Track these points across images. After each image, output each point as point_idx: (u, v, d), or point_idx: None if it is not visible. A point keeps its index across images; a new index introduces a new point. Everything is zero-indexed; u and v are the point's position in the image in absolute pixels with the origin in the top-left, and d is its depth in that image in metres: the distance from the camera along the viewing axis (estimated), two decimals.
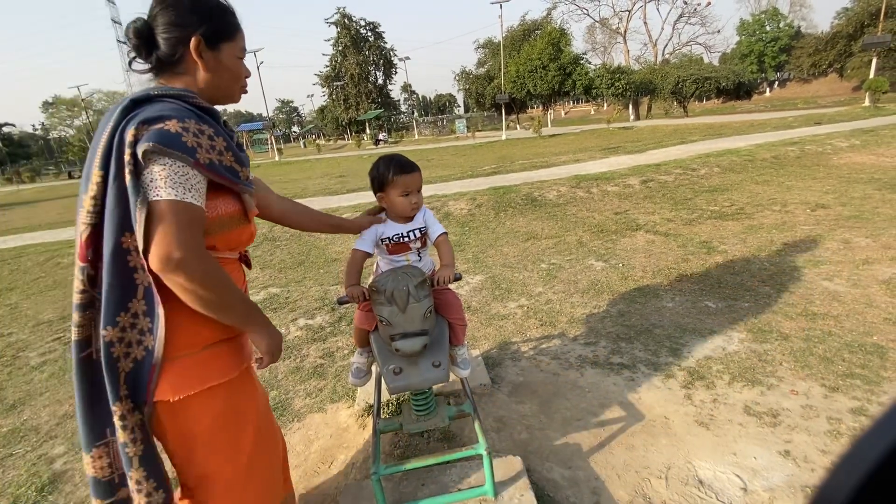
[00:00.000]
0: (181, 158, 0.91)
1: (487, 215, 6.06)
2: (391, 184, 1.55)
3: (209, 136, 0.97)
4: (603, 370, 2.41)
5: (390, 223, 1.63)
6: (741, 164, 7.74)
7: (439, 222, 1.67)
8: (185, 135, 0.92)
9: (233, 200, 1.06)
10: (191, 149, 0.93)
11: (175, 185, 0.91)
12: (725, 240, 4.27)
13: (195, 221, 0.94)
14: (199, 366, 1.05)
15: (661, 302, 3.14)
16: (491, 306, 3.36)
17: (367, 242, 1.61)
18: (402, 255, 1.63)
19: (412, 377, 1.44)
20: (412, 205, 1.57)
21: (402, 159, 1.57)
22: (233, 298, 1.02)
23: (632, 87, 27.67)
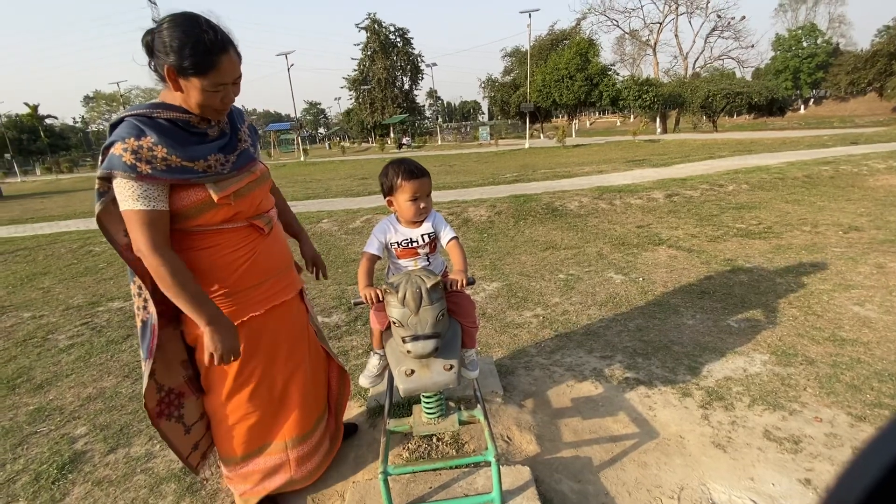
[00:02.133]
0: (125, 176, 1.18)
1: (507, 223, 6.04)
2: (400, 188, 1.56)
3: (148, 149, 1.20)
4: (618, 385, 2.37)
5: (399, 227, 1.64)
6: (771, 182, 7.54)
7: (452, 227, 1.67)
8: (124, 155, 1.18)
9: (199, 190, 1.29)
10: (130, 166, 1.18)
11: (127, 198, 1.20)
12: (751, 258, 4.15)
13: (149, 221, 1.21)
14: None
15: (681, 319, 3.07)
16: (506, 314, 3.35)
17: (374, 246, 1.62)
18: (410, 260, 1.64)
19: (424, 379, 1.44)
20: (420, 210, 1.58)
21: (411, 165, 1.58)
22: (179, 291, 1.24)
23: (660, 100, 27.28)
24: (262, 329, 1.50)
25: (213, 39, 1.17)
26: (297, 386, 1.63)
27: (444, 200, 7.32)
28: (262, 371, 1.53)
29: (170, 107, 1.25)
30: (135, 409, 2.50)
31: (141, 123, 1.22)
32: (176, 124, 1.26)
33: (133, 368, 2.97)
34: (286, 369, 1.59)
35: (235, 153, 1.38)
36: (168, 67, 1.17)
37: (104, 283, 4.96)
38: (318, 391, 1.75)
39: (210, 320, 1.28)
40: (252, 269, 1.43)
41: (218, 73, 1.20)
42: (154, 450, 2.15)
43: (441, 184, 10.09)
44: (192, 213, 1.30)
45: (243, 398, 1.52)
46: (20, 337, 3.64)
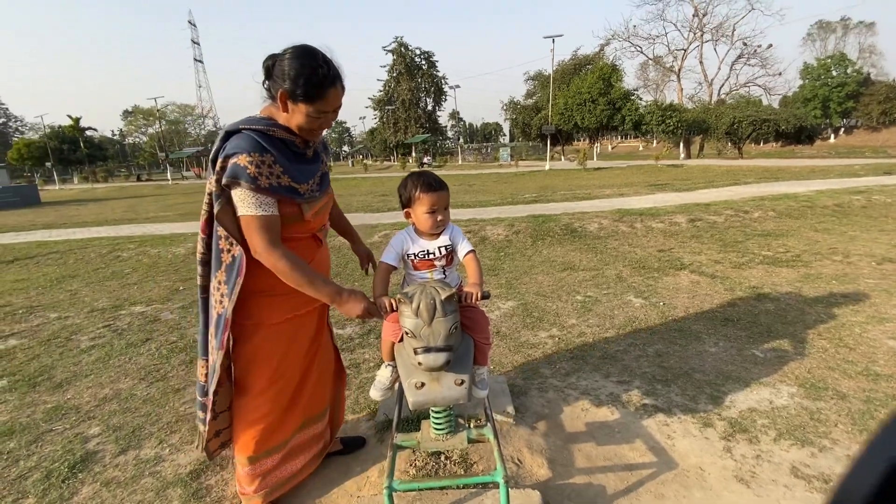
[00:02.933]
0: (247, 186, 1.32)
1: (524, 242, 6.01)
2: (418, 200, 1.57)
3: (269, 165, 1.34)
4: (635, 411, 2.28)
5: (416, 239, 1.64)
6: (799, 210, 7.33)
7: (469, 241, 1.66)
8: (249, 167, 1.31)
9: (292, 205, 1.44)
10: (253, 178, 1.31)
11: (248, 205, 1.34)
12: (778, 287, 4.01)
13: (266, 226, 1.35)
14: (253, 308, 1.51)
15: (703, 346, 2.96)
16: (521, 333, 3.29)
17: (392, 256, 1.62)
18: (427, 272, 1.63)
19: (434, 393, 1.42)
20: (438, 222, 1.58)
21: (430, 177, 1.59)
22: (299, 280, 1.38)
23: (683, 125, 27.08)
24: (300, 328, 1.62)
25: (325, 73, 1.32)
26: (310, 382, 1.71)
27: (462, 219, 7.33)
28: (291, 369, 1.63)
29: (281, 126, 1.39)
30: (147, 412, 2.52)
31: (259, 138, 1.35)
32: (285, 143, 1.41)
33: (150, 371, 3.01)
34: (304, 367, 1.69)
35: (319, 174, 1.53)
36: (282, 91, 1.32)
37: (128, 288, 5.09)
38: (324, 387, 1.82)
39: (335, 297, 1.41)
40: None
41: (323, 103, 1.35)
42: (164, 453, 2.16)
43: (459, 202, 10.14)
44: (284, 220, 1.45)
45: (271, 395, 1.60)
46: (45, 336, 3.74)
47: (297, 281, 1.37)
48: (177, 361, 3.13)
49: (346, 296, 1.42)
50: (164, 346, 3.38)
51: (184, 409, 2.52)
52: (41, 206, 19.00)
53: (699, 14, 34.10)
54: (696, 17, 34.23)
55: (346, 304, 1.41)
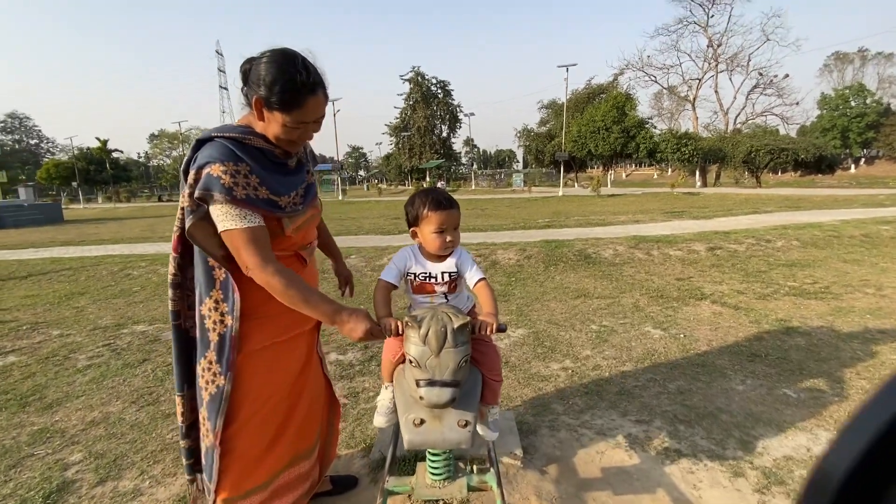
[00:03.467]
0: (222, 199, 1.20)
1: (536, 268, 5.84)
2: (425, 219, 1.46)
3: (244, 175, 1.23)
4: (656, 455, 2.07)
5: (421, 259, 1.51)
6: (825, 240, 7.04)
7: (480, 267, 1.52)
8: (223, 177, 1.19)
9: (272, 219, 1.31)
10: (228, 189, 1.20)
11: (231, 218, 1.22)
12: (808, 320, 3.76)
13: (255, 238, 1.23)
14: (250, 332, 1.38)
15: (728, 383, 2.74)
16: (531, 364, 3.10)
17: (392, 273, 1.50)
18: (427, 296, 1.50)
19: (433, 433, 1.26)
20: (446, 243, 1.46)
21: (439, 194, 1.48)
22: (294, 298, 1.24)
23: (699, 154, 26.89)
24: (283, 355, 1.47)
25: (304, 80, 1.20)
26: (299, 413, 1.55)
27: (473, 242, 7.21)
28: (276, 398, 1.47)
29: (258, 134, 1.29)
30: (133, 439, 2.39)
31: (233, 147, 1.24)
32: (262, 152, 1.30)
33: (142, 394, 2.89)
34: (292, 397, 1.53)
35: (303, 186, 1.41)
36: (257, 98, 1.22)
37: (134, 307, 5.04)
38: (314, 419, 1.65)
39: (334, 316, 1.28)
40: None
41: (302, 112, 1.23)
42: (143, 486, 2.01)
43: (471, 226, 10.04)
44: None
45: (255, 425, 1.44)
46: (44, 354, 3.67)
47: (292, 299, 1.24)
48: (170, 385, 3.00)
49: (347, 315, 1.28)
50: (159, 368, 3.27)
51: (170, 437, 2.38)
52: (64, 223, 19.50)
53: (713, 45, 34.37)
54: (711, 48, 34.51)
55: (347, 324, 1.27)
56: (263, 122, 1.26)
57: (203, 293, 1.34)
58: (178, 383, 1.43)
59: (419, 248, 1.53)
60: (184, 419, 1.46)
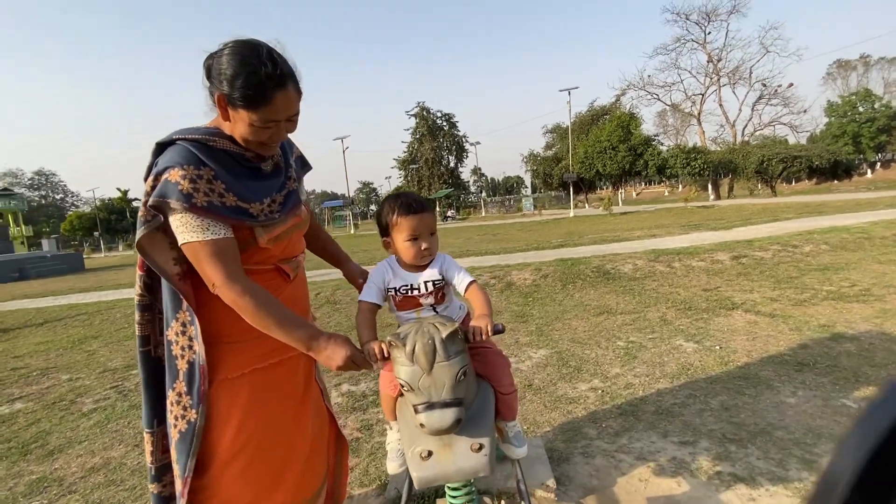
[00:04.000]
0: (180, 208, 1.06)
1: (553, 286, 5.63)
2: (396, 227, 1.32)
3: (207, 181, 1.09)
4: (708, 480, 1.83)
5: (399, 271, 1.36)
6: (855, 242, 6.71)
7: (466, 270, 1.37)
8: (182, 183, 1.06)
9: (243, 228, 1.17)
10: (186, 195, 1.05)
11: (191, 229, 1.08)
12: (854, 325, 3.48)
13: (219, 252, 1.09)
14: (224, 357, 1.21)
15: (778, 396, 2.48)
16: (557, 386, 2.88)
17: (372, 292, 1.35)
18: (413, 311, 1.34)
19: (444, 465, 1.08)
20: (421, 251, 1.31)
21: (409, 198, 1.34)
22: (266, 319, 1.09)
23: (710, 167, 26.63)
24: (264, 385, 1.27)
25: (269, 73, 1.06)
26: (298, 454, 1.33)
27: (486, 265, 7.05)
28: (260, 436, 1.26)
29: (225, 136, 1.15)
30: (133, 485, 2.22)
31: (197, 150, 1.11)
32: (231, 155, 1.16)
33: None
34: (286, 434, 1.32)
35: (283, 193, 1.25)
36: (219, 95, 1.09)
37: None
38: (317, 461, 1.43)
39: (310, 342, 1.12)
40: None
41: (270, 110, 1.09)
42: None
43: (483, 250, 9.90)
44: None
45: (237, 470, 1.24)
46: (50, 399, 3.56)
47: (264, 322, 1.09)
48: None
49: (325, 341, 1.12)
50: None
51: None
52: (85, 272, 19.90)
53: (713, 60, 34.60)
54: (711, 63, 34.74)
55: (324, 351, 1.11)
56: (230, 123, 1.13)
57: (169, 316, 1.19)
58: (146, 418, 1.26)
59: (396, 260, 1.39)
60: (153, 460, 1.29)
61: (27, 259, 20.38)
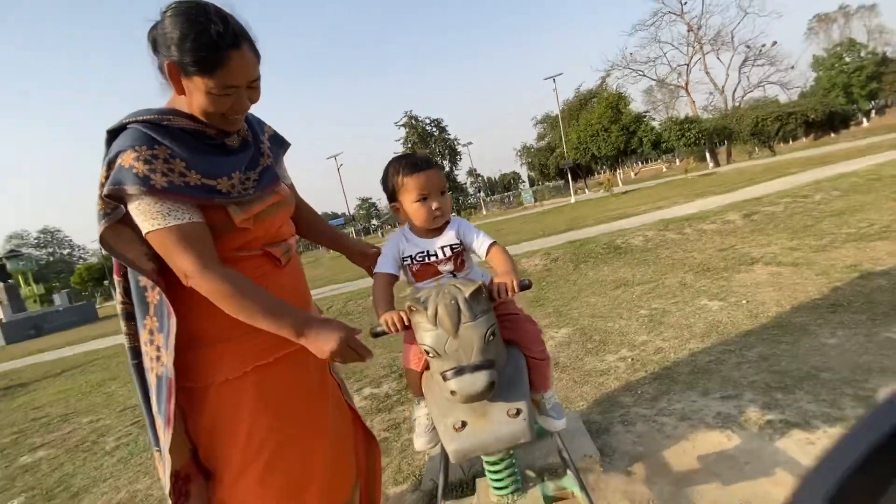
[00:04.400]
0: (138, 192, 0.96)
1: (566, 268, 5.52)
2: (403, 188, 1.23)
3: (164, 160, 0.99)
4: (760, 432, 1.72)
5: (413, 238, 1.28)
6: (866, 185, 6.55)
7: (486, 233, 1.29)
8: (136, 166, 0.96)
9: (217, 211, 1.06)
10: (143, 178, 0.95)
11: (153, 216, 0.97)
12: (881, 261, 3.34)
13: (187, 237, 0.98)
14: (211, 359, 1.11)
15: (817, 339, 2.36)
16: (584, 361, 2.78)
17: (388, 262, 1.27)
18: (431, 280, 1.25)
19: (481, 434, 0.99)
20: (433, 212, 1.22)
21: (413, 157, 1.27)
22: (250, 307, 1.00)
23: (705, 136, 26.39)
24: (273, 383, 1.16)
25: (221, 32, 0.97)
26: (320, 455, 1.21)
27: None
28: (275, 439, 1.15)
29: (182, 114, 1.05)
30: None
31: (150, 131, 1.01)
32: (190, 133, 1.05)
33: None
34: (304, 435, 1.20)
35: (258, 170, 1.15)
36: (169, 63, 0.98)
37: None
38: (345, 460, 1.31)
39: (300, 329, 1.01)
40: None
41: (227, 73, 0.99)
42: None
43: None
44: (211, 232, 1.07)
45: (254, 478, 1.13)
46: (73, 443, 3.51)
47: (246, 310, 0.99)
48: None
49: (317, 327, 1.01)
50: None
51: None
52: (99, 320, 20.03)
53: (693, 29, 34.47)
54: (692, 33, 34.60)
55: (316, 338, 1.00)
56: (186, 96, 1.02)
57: (139, 322, 1.09)
58: (152, 436, 1.14)
59: (409, 229, 1.31)
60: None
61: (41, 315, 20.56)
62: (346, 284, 8.74)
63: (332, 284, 9.44)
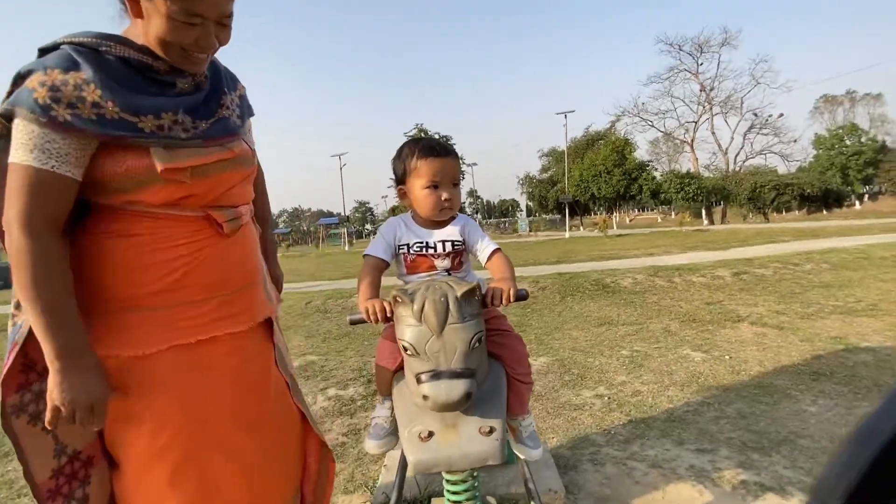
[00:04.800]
0: (29, 118, 0.83)
1: (552, 298, 5.47)
2: (414, 171, 1.16)
3: (75, 86, 0.84)
4: (734, 491, 1.65)
5: (414, 226, 1.21)
6: (855, 262, 6.65)
7: (491, 239, 1.23)
8: (38, 91, 0.83)
9: (142, 154, 0.90)
10: (43, 107, 0.83)
11: (19, 147, 0.84)
12: (867, 336, 3.34)
13: (35, 185, 0.84)
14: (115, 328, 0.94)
15: (797, 404, 2.31)
16: (560, 393, 2.69)
17: (380, 247, 1.19)
18: (425, 274, 1.17)
19: (447, 448, 0.91)
20: (441, 202, 1.15)
21: (431, 141, 1.20)
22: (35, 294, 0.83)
23: (703, 192, 26.93)
24: (194, 369, 0.98)
25: None
26: (250, 459, 1.04)
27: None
28: (188, 438, 0.97)
29: (129, 42, 0.90)
30: None
31: (79, 55, 0.87)
32: (130, 64, 0.90)
33: None
34: (230, 434, 1.01)
35: (210, 120, 0.99)
36: None
37: None
38: (281, 468, 1.13)
39: (62, 352, 0.84)
40: (192, 277, 0.97)
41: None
42: None
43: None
44: (126, 184, 0.91)
45: (163, 477, 0.96)
46: None
47: (29, 297, 0.83)
48: None
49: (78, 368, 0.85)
50: None
51: None
52: None
53: (706, 89, 35.57)
54: (703, 93, 35.68)
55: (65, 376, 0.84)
56: (143, 21, 0.88)
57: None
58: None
59: (411, 216, 1.24)
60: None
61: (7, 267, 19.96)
62: (329, 283, 8.60)
63: (316, 281, 9.29)
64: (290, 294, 6.61)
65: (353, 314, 1.07)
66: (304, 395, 1.42)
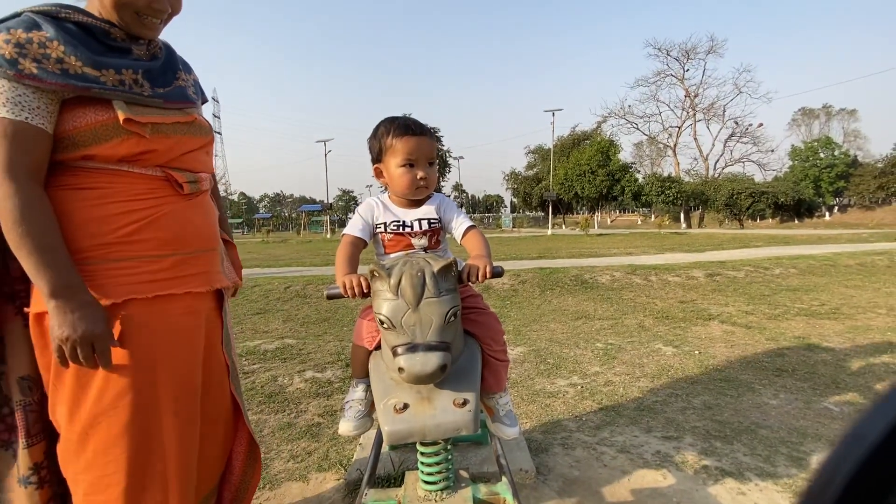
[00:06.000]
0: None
1: (532, 292, 5.54)
2: (390, 150, 1.18)
3: (39, 43, 0.88)
4: (695, 474, 1.72)
5: (390, 205, 1.23)
6: (822, 268, 6.92)
7: (466, 214, 1.26)
8: (4, 46, 0.86)
9: (102, 108, 0.93)
10: (10, 60, 0.86)
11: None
12: (828, 338, 3.49)
13: (12, 136, 0.86)
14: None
15: (759, 398, 2.41)
16: (535, 381, 2.75)
17: (357, 226, 1.21)
18: (402, 254, 1.19)
19: (422, 418, 0.93)
20: (416, 181, 1.17)
21: (407, 119, 1.21)
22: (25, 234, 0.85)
23: (683, 196, 27.53)
24: (147, 327, 0.96)
25: None
26: (186, 436, 1.00)
27: None
28: (134, 396, 0.93)
29: (86, 12, 0.95)
30: None
31: (40, 18, 0.91)
32: (87, 29, 0.95)
33: None
34: (174, 406, 0.99)
35: (167, 88, 1.04)
36: None
37: None
38: (214, 453, 1.11)
39: (59, 289, 0.85)
40: (149, 231, 0.97)
41: None
42: None
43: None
44: (87, 137, 0.92)
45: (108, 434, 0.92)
46: None
47: (18, 236, 0.84)
48: None
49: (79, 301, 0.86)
50: None
51: None
52: None
53: (690, 96, 36.25)
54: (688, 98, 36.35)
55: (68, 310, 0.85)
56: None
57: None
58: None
59: (388, 196, 1.26)
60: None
61: None
62: (309, 268, 8.51)
63: (296, 266, 9.18)
64: (269, 278, 6.54)
65: (330, 288, 1.07)
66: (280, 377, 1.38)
